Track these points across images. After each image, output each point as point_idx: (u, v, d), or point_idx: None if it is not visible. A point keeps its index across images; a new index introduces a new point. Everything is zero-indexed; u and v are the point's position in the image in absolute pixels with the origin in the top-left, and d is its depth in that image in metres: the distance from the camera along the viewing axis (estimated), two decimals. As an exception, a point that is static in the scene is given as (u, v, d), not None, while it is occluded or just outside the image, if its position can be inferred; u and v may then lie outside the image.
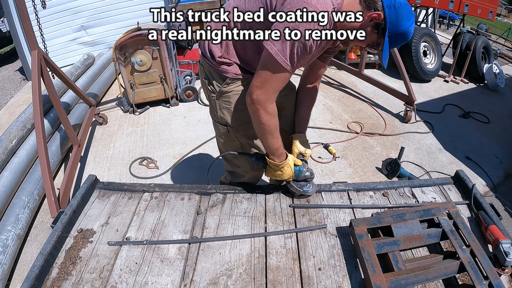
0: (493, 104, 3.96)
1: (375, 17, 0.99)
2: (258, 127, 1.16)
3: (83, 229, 1.16)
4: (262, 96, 1.08)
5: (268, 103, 1.10)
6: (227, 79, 1.26)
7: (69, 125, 2.52)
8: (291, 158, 1.28)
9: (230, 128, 1.37)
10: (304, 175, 1.29)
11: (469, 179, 1.38)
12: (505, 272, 1.00)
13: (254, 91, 1.08)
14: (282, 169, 1.24)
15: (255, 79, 1.09)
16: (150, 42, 3.17)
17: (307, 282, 0.99)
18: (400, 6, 0.97)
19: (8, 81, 4.88)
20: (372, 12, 0.99)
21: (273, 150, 1.21)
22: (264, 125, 1.14)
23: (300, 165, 1.29)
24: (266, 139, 1.18)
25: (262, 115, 1.11)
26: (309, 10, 0.94)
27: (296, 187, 1.28)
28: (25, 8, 2.16)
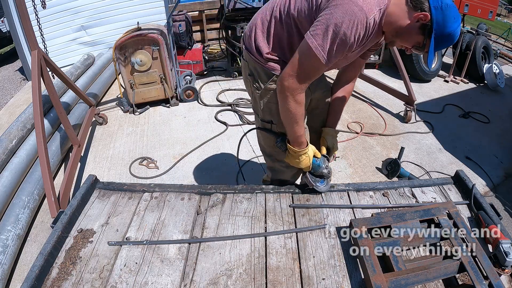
0: (493, 104, 3.96)
1: (421, 18, 1.00)
2: (285, 113, 1.20)
3: (83, 229, 1.16)
4: (294, 85, 1.11)
5: (298, 92, 1.13)
6: (273, 76, 1.27)
7: (69, 125, 2.52)
8: (311, 149, 1.31)
9: (273, 124, 1.39)
10: (321, 171, 1.31)
11: (469, 179, 1.38)
12: (505, 272, 1.00)
13: (286, 78, 1.11)
14: (300, 157, 1.28)
15: (289, 67, 1.11)
16: (150, 42, 3.17)
17: (307, 282, 0.99)
18: (447, 7, 0.98)
19: (8, 81, 4.88)
20: (418, 12, 1.00)
21: (295, 138, 1.25)
22: (291, 112, 1.17)
23: (320, 159, 1.32)
24: (290, 126, 1.22)
25: (290, 102, 1.14)
26: (354, 9, 0.95)
27: (310, 179, 1.30)
28: (25, 8, 2.15)
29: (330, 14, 0.98)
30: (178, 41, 4.03)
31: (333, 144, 1.42)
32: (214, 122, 3.33)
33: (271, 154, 1.51)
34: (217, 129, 3.21)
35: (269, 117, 1.39)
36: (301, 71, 1.09)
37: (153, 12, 4.91)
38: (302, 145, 1.27)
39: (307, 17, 1.10)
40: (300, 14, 1.13)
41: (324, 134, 1.44)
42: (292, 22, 1.17)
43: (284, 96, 1.15)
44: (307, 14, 1.10)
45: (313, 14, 1.07)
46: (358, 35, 0.99)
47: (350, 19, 0.96)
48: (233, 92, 3.96)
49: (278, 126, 1.38)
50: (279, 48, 1.24)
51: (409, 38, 1.06)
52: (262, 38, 1.26)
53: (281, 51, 1.24)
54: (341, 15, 0.96)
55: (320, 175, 1.33)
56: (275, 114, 1.35)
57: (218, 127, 3.24)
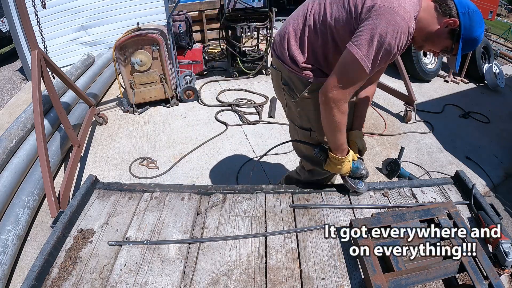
0: (493, 104, 3.96)
1: (450, 23, 1.04)
2: (329, 124, 1.20)
3: (83, 229, 1.16)
4: (339, 96, 1.11)
5: (342, 103, 1.14)
6: (310, 84, 1.28)
7: (69, 125, 2.52)
8: (351, 154, 1.32)
9: (312, 131, 1.41)
10: (360, 173, 1.33)
11: (469, 179, 1.38)
12: (505, 272, 1.00)
13: (331, 90, 1.11)
14: (342, 164, 1.29)
15: (333, 78, 1.11)
16: (150, 42, 3.17)
17: (307, 282, 0.99)
18: (473, 13, 1.03)
19: (8, 81, 4.88)
20: (448, 18, 1.04)
21: (338, 146, 1.26)
22: (336, 122, 1.18)
23: (357, 162, 1.33)
24: (333, 135, 1.23)
25: (335, 113, 1.15)
26: (397, 19, 0.98)
27: (351, 183, 1.32)
28: (25, 8, 2.16)
29: (373, 24, 1.00)
30: (178, 41, 4.03)
31: (363, 146, 1.45)
32: (214, 122, 3.34)
33: (312, 158, 1.50)
34: (217, 129, 3.21)
35: (308, 125, 1.41)
36: (346, 82, 1.10)
37: (153, 12, 4.91)
38: (344, 152, 1.29)
39: (345, 26, 1.11)
40: (337, 23, 1.13)
41: (353, 137, 1.46)
42: (328, 31, 1.17)
43: (328, 107, 1.15)
44: (345, 23, 1.11)
45: (352, 23, 1.08)
46: (401, 44, 1.03)
47: (393, 29, 0.99)
48: (233, 92, 3.96)
49: (317, 133, 1.40)
50: (313, 56, 1.25)
51: (438, 42, 1.10)
52: (296, 47, 1.26)
53: (315, 59, 1.25)
54: (385, 25, 0.99)
55: (358, 177, 1.34)
56: (313, 122, 1.37)
57: (218, 127, 3.24)
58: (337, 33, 1.15)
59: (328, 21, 1.15)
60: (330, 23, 1.15)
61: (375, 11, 1.00)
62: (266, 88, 4.08)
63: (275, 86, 1.48)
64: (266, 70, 4.45)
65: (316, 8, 1.20)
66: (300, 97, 1.33)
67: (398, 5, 0.99)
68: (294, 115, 1.44)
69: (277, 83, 1.43)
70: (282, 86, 1.39)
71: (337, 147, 1.27)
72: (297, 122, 1.45)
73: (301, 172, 1.68)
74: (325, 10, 1.16)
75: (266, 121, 3.34)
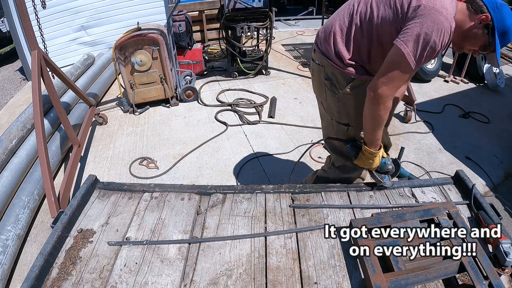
0: (493, 104, 3.95)
1: (484, 19, 1.11)
2: (372, 119, 1.25)
3: (83, 229, 1.16)
4: (386, 92, 1.17)
5: (389, 99, 1.19)
6: (353, 81, 1.34)
7: (69, 125, 2.52)
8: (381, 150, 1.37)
9: (350, 127, 1.46)
10: (387, 168, 1.38)
11: (469, 179, 1.38)
12: (505, 272, 1.00)
13: (380, 86, 1.16)
14: (375, 158, 1.34)
15: (382, 75, 1.16)
16: (150, 42, 3.17)
17: (307, 282, 0.99)
18: (501, 6, 1.10)
19: (8, 81, 4.88)
20: (480, 15, 1.11)
21: (375, 140, 1.31)
22: (380, 118, 1.23)
23: (385, 158, 1.39)
24: (374, 130, 1.28)
25: (381, 109, 1.20)
26: (441, 19, 1.05)
27: (378, 177, 1.37)
28: (25, 8, 2.16)
29: (420, 23, 1.06)
30: (178, 41, 4.03)
31: (388, 141, 1.50)
32: (214, 122, 3.33)
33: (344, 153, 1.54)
34: (217, 129, 3.21)
35: (346, 120, 1.46)
36: (394, 78, 1.15)
37: (153, 12, 4.91)
38: (377, 147, 1.34)
39: (391, 25, 1.16)
40: (384, 22, 1.18)
41: None
42: (374, 30, 1.22)
43: (375, 103, 1.20)
44: (391, 22, 1.16)
45: (399, 22, 1.14)
46: (444, 42, 1.09)
47: (438, 28, 1.05)
48: (233, 92, 3.96)
49: (355, 129, 1.45)
50: (358, 53, 1.30)
51: (476, 40, 1.16)
52: (342, 44, 1.31)
53: (360, 56, 1.30)
54: (430, 25, 1.05)
55: (385, 172, 1.39)
56: (352, 118, 1.43)
57: (218, 127, 3.24)
58: (382, 32, 1.20)
59: (375, 20, 1.20)
60: (376, 22, 1.20)
61: (420, 11, 1.07)
62: (266, 88, 4.08)
63: (316, 81, 1.52)
64: (266, 70, 4.45)
65: (362, 7, 1.25)
66: (342, 92, 1.38)
67: (441, 6, 1.06)
68: (333, 110, 1.48)
69: (319, 78, 1.47)
70: (324, 82, 1.43)
71: (374, 141, 1.32)
72: (335, 117, 1.49)
73: (330, 170, 1.72)
74: (371, 10, 1.21)
75: (266, 121, 3.34)
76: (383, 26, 1.19)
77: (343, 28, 1.30)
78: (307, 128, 3.22)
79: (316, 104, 1.65)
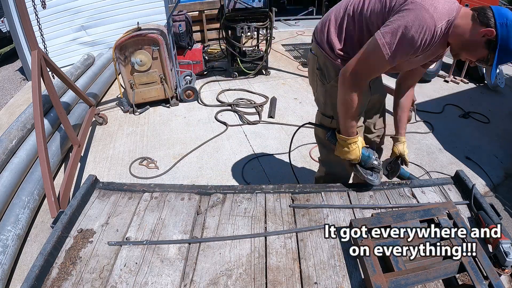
0: (493, 104, 3.95)
1: (487, 33, 1.04)
2: (342, 104, 1.26)
3: (83, 229, 1.16)
4: (355, 77, 1.17)
5: (358, 87, 1.20)
6: None
7: (69, 125, 2.52)
8: (360, 140, 1.36)
9: (333, 120, 1.46)
10: (372, 162, 1.35)
11: (469, 179, 1.38)
12: (505, 272, 1.00)
13: (350, 71, 1.17)
14: (349, 146, 1.33)
15: (354, 61, 1.17)
16: (150, 42, 3.17)
17: (307, 282, 0.99)
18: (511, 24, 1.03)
19: (8, 81, 4.88)
20: (484, 28, 1.04)
21: (347, 127, 1.31)
22: (348, 103, 1.23)
23: (369, 151, 1.37)
24: (344, 116, 1.28)
25: (348, 93, 1.21)
26: (425, 16, 1.03)
27: (362, 172, 1.35)
28: (25, 8, 2.16)
29: (402, 16, 1.06)
30: (178, 41, 4.03)
31: (404, 150, 1.51)
32: (214, 122, 3.34)
33: (327, 144, 1.56)
34: (217, 129, 3.21)
35: (331, 113, 1.46)
36: (365, 66, 1.16)
37: (153, 12, 4.91)
38: (352, 135, 1.32)
39: (379, 17, 1.17)
40: (372, 14, 1.19)
41: (394, 141, 1.54)
42: (364, 21, 1.23)
43: (344, 87, 1.21)
44: (379, 14, 1.17)
45: (385, 15, 1.14)
46: (424, 40, 1.05)
47: (419, 24, 1.03)
48: (233, 92, 3.96)
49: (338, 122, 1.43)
50: (349, 45, 1.30)
51: (474, 52, 1.11)
52: (335, 34, 1.32)
53: (351, 48, 1.29)
54: (412, 19, 1.03)
55: (370, 168, 1.36)
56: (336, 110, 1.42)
57: (218, 127, 3.24)
58: (371, 24, 1.20)
59: (365, 12, 1.21)
60: (366, 14, 1.21)
61: (407, 5, 1.06)
62: (266, 88, 4.08)
63: (310, 70, 1.55)
64: (266, 70, 4.45)
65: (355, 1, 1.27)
66: (330, 84, 1.40)
67: (430, 4, 1.03)
68: (320, 102, 1.51)
69: (312, 68, 1.50)
70: (316, 71, 1.45)
71: (346, 128, 1.31)
72: (321, 109, 1.51)
73: (320, 168, 1.73)
74: (363, 2, 1.23)
75: (266, 121, 3.34)
76: (371, 18, 1.20)
77: (337, 18, 1.31)
78: (307, 128, 3.22)
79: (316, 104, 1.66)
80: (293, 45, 5.84)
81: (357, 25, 1.26)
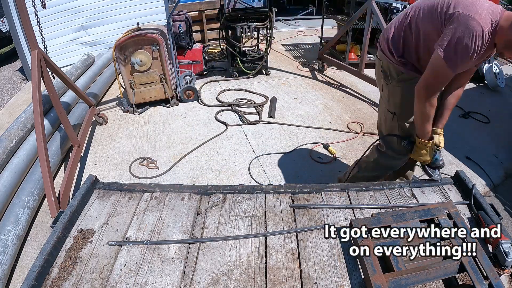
0: (493, 104, 3.95)
1: None
2: (420, 114, 1.46)
3: (83, 229, 1.16)
4: (429, 92, 1.37)
5: (433, 97, 1.38)
6: (402, 74, 1.58)
7: (69, 125, 2.52)
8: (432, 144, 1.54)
9: (395, 116, 1.68)
10: (438, 163, 1.53)
11: (469, 179, 1.38)
12: (505, 272, 1.00)
13: (424, 85, 1.37)
14: (427, 149, 1.52)
15: (426, 76, 1.36)
16: (150, 42, 3.17)
17: (307, 282, 0.99)
18: None
19: (8, 81, 4.88)
20: None
21: (425, 133, 1.50)
22: (426, 114, 1.43)
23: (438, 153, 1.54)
24: (422, 123, 1.48)
25: (426, 106, 1.40)
26: (473, 23, 1.17)
27: (429, 171, 1.51)
28: (25, 8, 2.16)
29: (454, 29, 1.21)
30: (178, 41, 4.03)
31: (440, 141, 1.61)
32: (214, 122, 3.34)
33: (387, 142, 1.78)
34: (217, 129, 3.21)
35: (393, 109, 1.69)
36: (435, 79, 1.34)
37: (153, 12, 4.91)
38: (429, 138, 1.52)
39: (433, 29, 1.35)
40: (427, 25, 1.38)
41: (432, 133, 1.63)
42: (421, 32, 1.42)
43: (421, 102, 1.40)
44: (433, 26, 1.34)
45: (439, 27, 1.31)
46: (477, 45, 1.19)
47: (470, 32, 1.18)
48: (233, 92, 3.96)
49: (398, 118, 1.67)
50: (407, 51, 1.53)
51: None
52: (394, 42, 1.56)
53: (408, 54, 1.53)
54: (463, 30, 1.19)
55: (435, 167, 1.53)
56: (398, 107, 1.66)
57: (218, 127, 3.24)
58: (428, 34, 1.39)
59: (420, 23, 1.41)
60: (421, 25, 1.41)
61: (456, 18, 1.22)
62: (266, 88, 4.08)
63: (377, 73, 1.78)
64: (266, 70, 4.45)
65: (413, 13, 1.47)
66: (392, 84, 1.63)
67: (475, 12, 1.18)
68: (385, 99, 1.73)
69: (378, 71, 1.74)
70: (381, 74, 1.69)
71: (424, 134, 1.50)
72: (386, 105, 1.73)
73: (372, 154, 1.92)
74: (419, 14, 1.42)
75: (266, 121, 3.34)
76: (427, 29, 1.38)
77: (397, 29, 1.54)
78: (307, 128, 3.22)
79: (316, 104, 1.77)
80: (293, 45, 5.84)
81: (414, 35, 1.46)
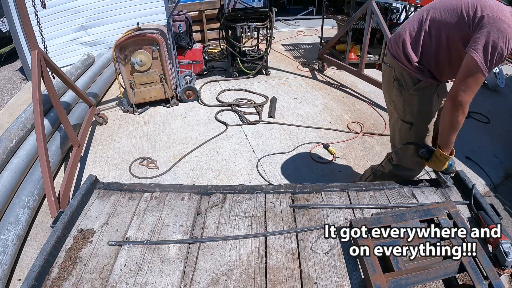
0: (493, 104, 3.95)
1: None
2: (451, 124, 1.35)
3: (83, 229, 1.16)
4: (465, 99, 1.27)
5: (467, 105, 1.29)
6: (419, 82, 1.46)
7: (69, 125, 2.52)
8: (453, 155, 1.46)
9: (413, 126, 1.57)
10: (451, 169, 1.46)
11: (469, 179, 1.38)
12: (505, 272, 1.00)
13: (459, 93, 1.27)
14: (447, 161, 1.43)
15: (459, 83, 1.27)
16: (150, 42, 3.17)
17: (307, 282, 0.99)
18: None
19: (8, 81, 4.88)
20: None
21: (449, 144, 1.41)
22: (458, 123, 1.33)
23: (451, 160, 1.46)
24: (450, 134, 1.38)
25: (459, 115, 1.31)
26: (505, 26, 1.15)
27: (443, 178, 1.45)
28: (25, 8, 2.16)
29: (487, 32, 1.17)
30: (178, 41, 4.03)
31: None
32: (214, 122, 3.34)
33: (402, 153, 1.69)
34: (217, 129, 3.21)
35: (410, 119, 1.57)
36: (470, 85, 1.25)
37: (153, 12, 4.91)
38: (450, 150, 1.43)
39: (458, 32, 1.28)
40: (451, 28, 1.30)
41: None
42: (443, 35, 1.33)
43: (455, 109, 1.30)
44: (458, 29, 1.27)
45: (466, 29, 1.25)
46: (510, 47, 1.18)
47: (503, 35, 1.15)
48: (233, 92, 3.96)
49: (416, 128, 1.57)
50: (425, 57, 1.42)
51: None
52: (411, 48, 1.44)
53: (427, 60, 1.42)
54: (496, 33, 1.16)
55: (449, 173, 1.47)
56: (415, 117, 1.55)
57: (218, 127, 3.24)
58: (451, 38, 1.32)
59: (443, 27, 1.32)
60: (444, 28, 1.32)
61: (486, 21, 1.18)
62: (266, 88, 4.08)
63: (385, 82, 1.66)
64: (266, 70, 4.45)
65: (431, 15, 1.38)
66: (408, 93, 1.51)
67: (503, 15, 1.16)
68: (399, 109, 1.61)
69: (388, 79, 1.61)
70: (393, 82, 1.56)
71: (448, 145, 1.41)
72: (401, 116, 1.62)
73: (386, 165, 1.84)
74: (440, 17, 1.34)
75: (266, 121, 3.34)
76: (451, 32, 1.30)
77: (412, 33, 1.43)
78: (307, 128, 3.22)
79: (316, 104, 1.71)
80: (293, 45, 5.84)
81: (434, 39, 1.37)
